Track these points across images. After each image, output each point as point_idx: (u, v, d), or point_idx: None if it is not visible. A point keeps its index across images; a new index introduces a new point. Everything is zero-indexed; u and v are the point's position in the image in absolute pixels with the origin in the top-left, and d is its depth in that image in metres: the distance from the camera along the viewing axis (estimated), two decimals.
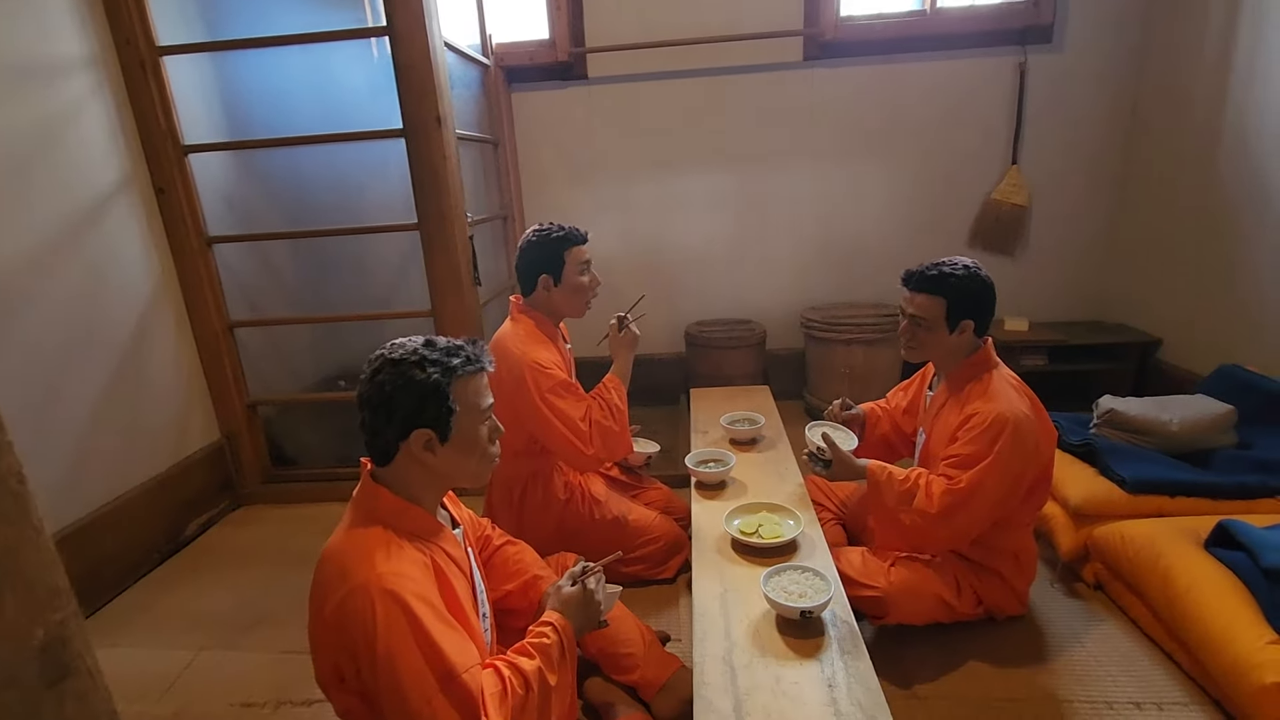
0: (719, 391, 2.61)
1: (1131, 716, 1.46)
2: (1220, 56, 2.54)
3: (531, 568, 1.48)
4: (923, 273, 1.67)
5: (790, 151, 3.20)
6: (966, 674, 1.60)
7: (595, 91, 3.18)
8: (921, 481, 1.60)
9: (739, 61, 3.09)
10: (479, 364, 1.15)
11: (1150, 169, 2.97)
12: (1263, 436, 2.07)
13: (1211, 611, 1.47)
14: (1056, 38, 3.00)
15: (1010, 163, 3.15)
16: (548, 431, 1.76)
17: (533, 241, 1.86)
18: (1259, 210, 2.41)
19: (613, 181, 3.29)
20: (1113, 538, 1.79)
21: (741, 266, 3.37)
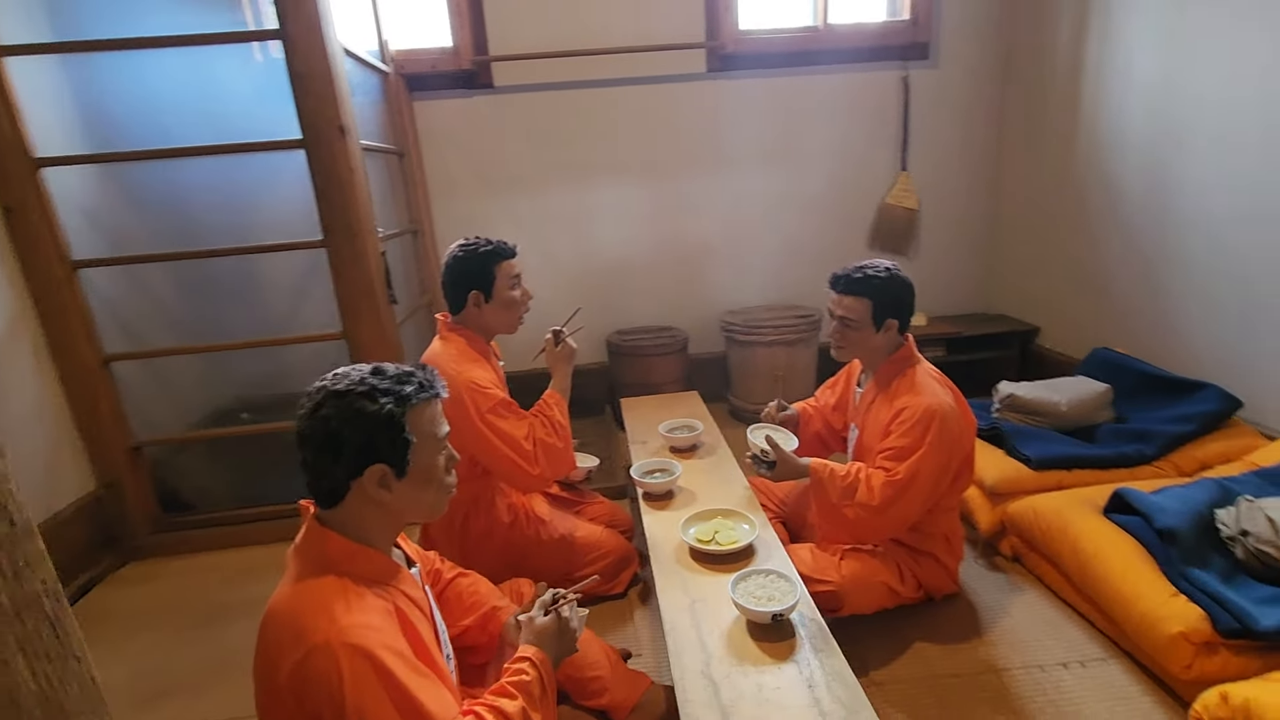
0: (650, 400, 2.62)
1: (1061, 676, 1.59)
2: (1071, 72, 2.84)
3: (488, 599, 1.41)
4: (849, 276, 1.75)
5: (700, 160, 3.27)
6: (914, 656, 1.68)
7: (502, 100, 3.11)
8: (861, 475, 1.67)
9: (646, 72, 3.12)
10: (433, 390, 1.08)
11: (1019, 172, 3.27)
12: (1135, 410, 2.33)
13: (1118, 573, 1.62)
14: (933, 54, 3.25)
15: (900, 169, 3.38)
16: (490, 453, 1.68)
17: (460, 257, 1.78)
18: (1113, 207, 2.71)
19: (525, 192, 3.23)
20: (1025, 512, 1.95)
21: (659, 274, 3.40)
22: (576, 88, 3.11)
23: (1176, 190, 2.42)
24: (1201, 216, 2.33)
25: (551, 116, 3.14)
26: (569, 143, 3.18)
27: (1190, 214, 2.37)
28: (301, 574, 0.98)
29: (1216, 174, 2.26)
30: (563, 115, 3.14)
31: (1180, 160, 2.39)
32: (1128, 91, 2.58)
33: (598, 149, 3.20)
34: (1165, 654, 1.47)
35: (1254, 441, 2.07)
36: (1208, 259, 2.32)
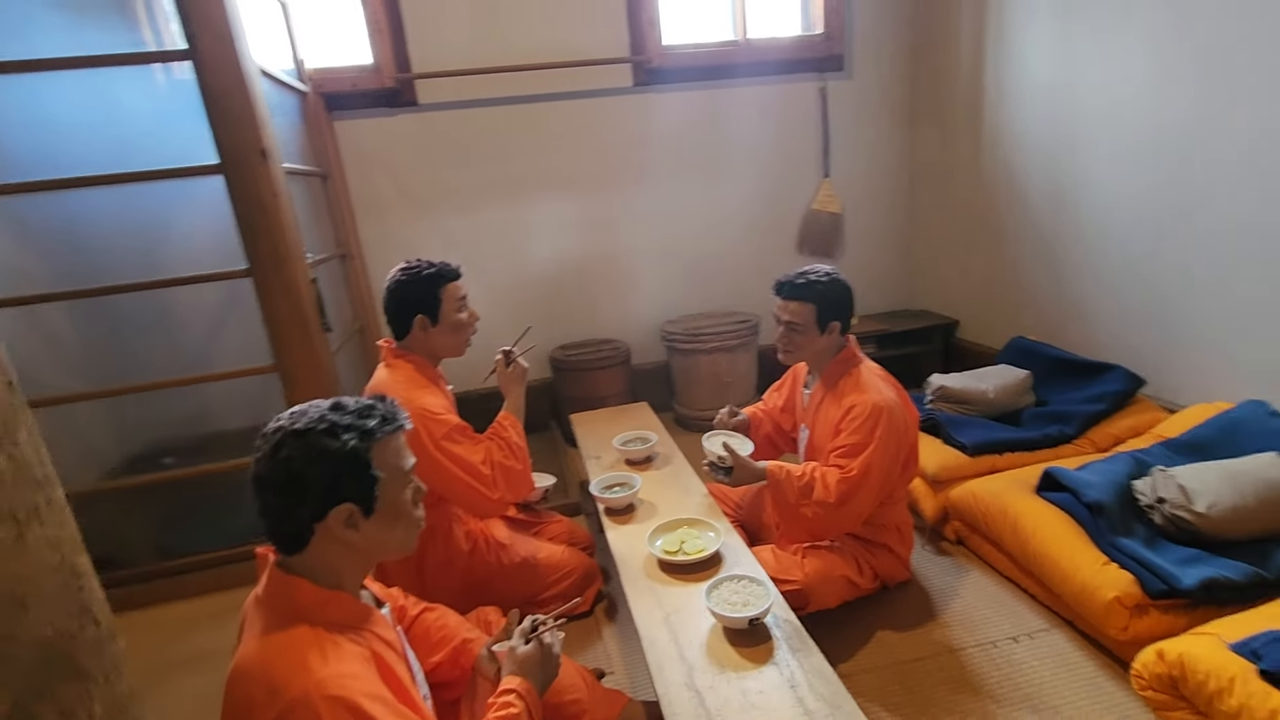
0: (600, 414, 2.61)
1: (1012, 649, 1.69)
2: (974, 79, 3.05)
3: (458, 632, 1.37)
4: (792, 282, 1.80)
5: (631, 172, 3.30)
6: (877, 644, 1.75)
7: (428, 118, 3.04)
8: (817, 475, 1.72)
9: (574, 87, 3.13)
10: (397, 422, 1.04)
11: (932, 175, 3.47)
12: (1053, 393, 2.51)
13: (1055, 547, 1.74)
14: (847, 66, 3.41)
15: (823, 176, 3.52)
16: (447, 481, 1.64)
17: (402, 281, 1.73)
18: (1019, 205, 2.92)
19: (456, 210, 3.17)
20: (966, 497, 2.06)
21: (597, 287, 3.40)
22: (504, 104, 3.09)
23: (1073, 186, 2.62)
24: (1096, 211, 2.54)
25: (480, 133, 3.10)
26: (499, 159, 3.15)
27: (1086, 208, 2.58)
28: (269, 626, 0.92)
29: (1108, 170, 2.47)
30: (491, 132, 3.11)
31: (1075, 159, 2.60)
32: (1026, 97, 2.79)
33: (529, 164, 3.18)
34: (1103, 619, 1.58)
35: (1158, 415, 2.26)
36: (1104, 249, 2.53)
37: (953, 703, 1.54)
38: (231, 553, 2.34)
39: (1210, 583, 1.53)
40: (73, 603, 0.53)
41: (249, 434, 0.97)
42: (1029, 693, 1.55)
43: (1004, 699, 1.54)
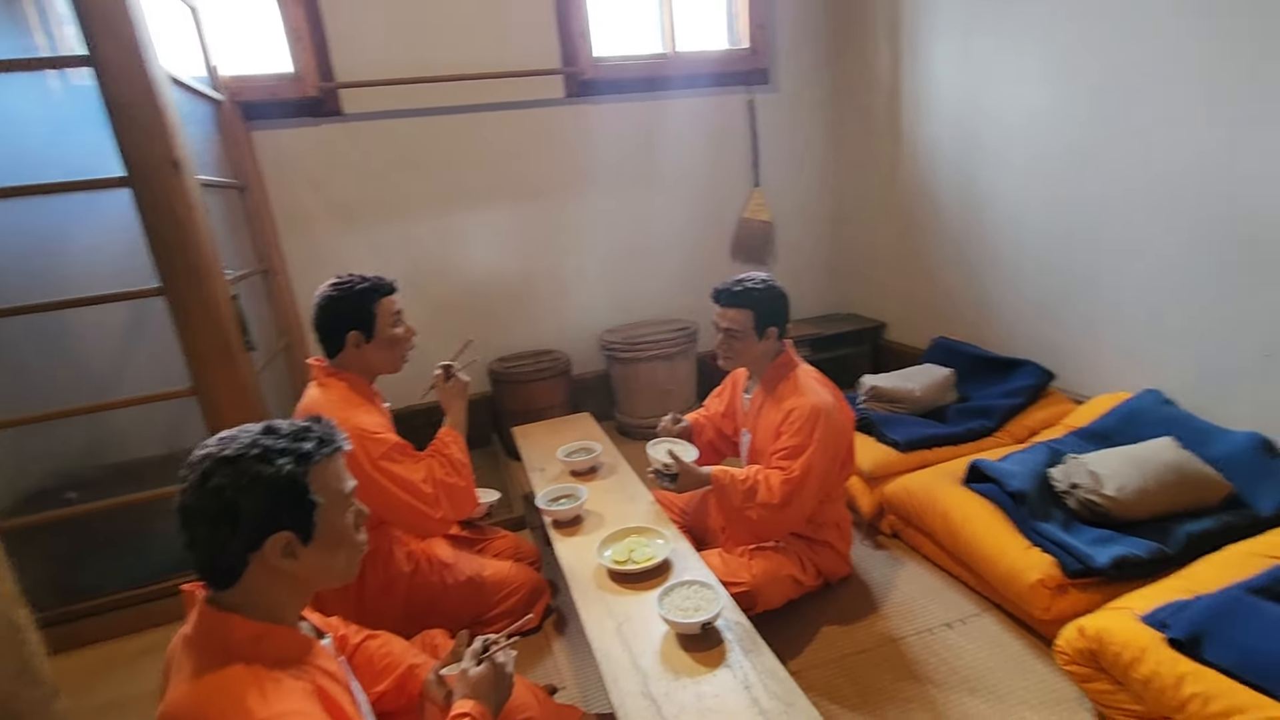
0: (541, 426, 2.58)
1: (947, 635, 1.77)
2: (891, 93, 3.20)
3: (403, 658, 1.33)
4: (729, 289, 1.84)
5: (567, 184, 3.30)
6: (822, 640, 1.79)
7: (355, 129, 2.95)
8: (760, 477, 1.75)
9: (506, 98, 3.10)
10: (335, 444, 1.00)
11: (855, 184, 3.62)
12: (975, 390, 2.65)
13: (982, 536, 1.84)
14: (773, 80, 3.52)
15: (754, 185, 3.61)
16: (388, 502, 1.58)
17: (334, 297, 1.67)
18: (935, 212, 3.08)
19: (387, 223, 3.08)
20: (899, 492, 2.15)
21: (534, 298, 3.37)
22: (435, 114, 3.03)
23: (985, 195, 2.79)
24: (1006, 218, 2.71)
25: (410, 144, 3.03)
26: (431, 170, 3.08)
27: (997, 216, 2.75)
28: (201, 668, 0.87)
29: (1014, 180, 2.64)
30: (422, 142, 3.05)
31: (985, 170, 2.76)
32: (938, 111, 2.95)
33: (462, 176, 3.13)
34: (1028, 600, 1.68)
35: (1068, 407, 2.43)
36: (1015, 253, 2.70)
37: (896, 690, 1.60)
38: (148, 591, 2.19)
39: (1121, 560, 1.65)
40: (13, 661, 0.49)
41: (164, 463, 0.91)
42: (965, 675, 1.63)
43: (943, 683, 1.61)
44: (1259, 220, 1.91)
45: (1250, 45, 1.85)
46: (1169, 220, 2.14)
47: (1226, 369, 2.05)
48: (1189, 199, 2.07)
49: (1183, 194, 2.08)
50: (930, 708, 1.54)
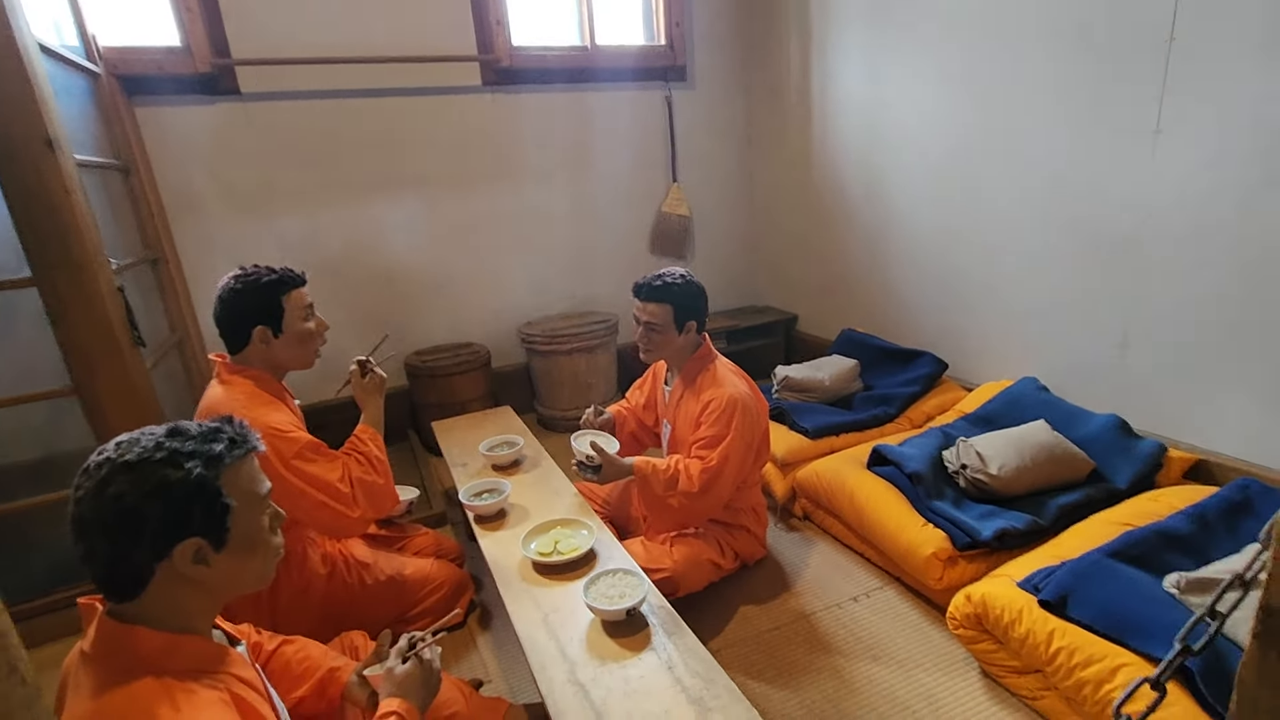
0: (461, 420, 2.55)
1: (853, 608, 1.90)
2: (802, 95, 3.34)
3: (322, 662, 1.29)
4: (650, 284, 1.89)
5: (484, 174, 3.24)
6: (740, 619, 1.88)
7: (254, 109, 2.78)
8: (680, 467, 1.81)
9: (419, 83, 3.01)
10: (248, 444, 0.97)
11: (768, 181, 3.75)
12: (878, 379, 2.83)
13: (885, 515, 1.97)
14: (689, 77, 3.59)
15: (672, 180, 3.68)
16: (303, 503, 1.53)
17: (238, 290, 1.59)
18: (842, 209, 3.25)
19: (291, 211, 2.93)
20: (810, 476, 2.27)
21: (451, 290, 3.30)
22: (345, 97, 2.90)
23: (886, 193, 2.97)
24: (906, 217, 2.90)
25: (318, 128, 2.89)
26: (341, 157, 2.95)
27: (897, 215, 2.94)
28: (104, 684, 0.82)
29: (913, 182, 2.83)
30: (330, 127, 2.91)
31: (887, 171, 2.94)
32: (845, 114, 3.11)
33: (374, 163, 3.02)
34: (923, 572, 1.83)
35: (959, 394, 2.64)
36: (912, 251, 2.90)
37: (809, 662, 1.71)
38: (28, 607, 2.01)
39: (1002, 533, 1.82)
40: (2, 662, 0.46)
41: (34, 469, 0.84)
42: (870, 644, 1.76)
43: (850, 653, 1.73)
44: (1110, 223, 2.14)
45: (1101, 68, 2.06)
46: (1037, 221, 2.36)
47: (1089, 358, 2.29)
48: (1054, 202, 2.29)
49: (1049, 197, 2.30)
50: (838, 676, 1.66)
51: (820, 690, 1.62)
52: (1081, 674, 1.37)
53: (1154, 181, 2.02)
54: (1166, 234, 2.02)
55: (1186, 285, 2.00)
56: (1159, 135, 1.99)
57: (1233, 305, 1.90)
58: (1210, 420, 2.02)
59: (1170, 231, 2.01)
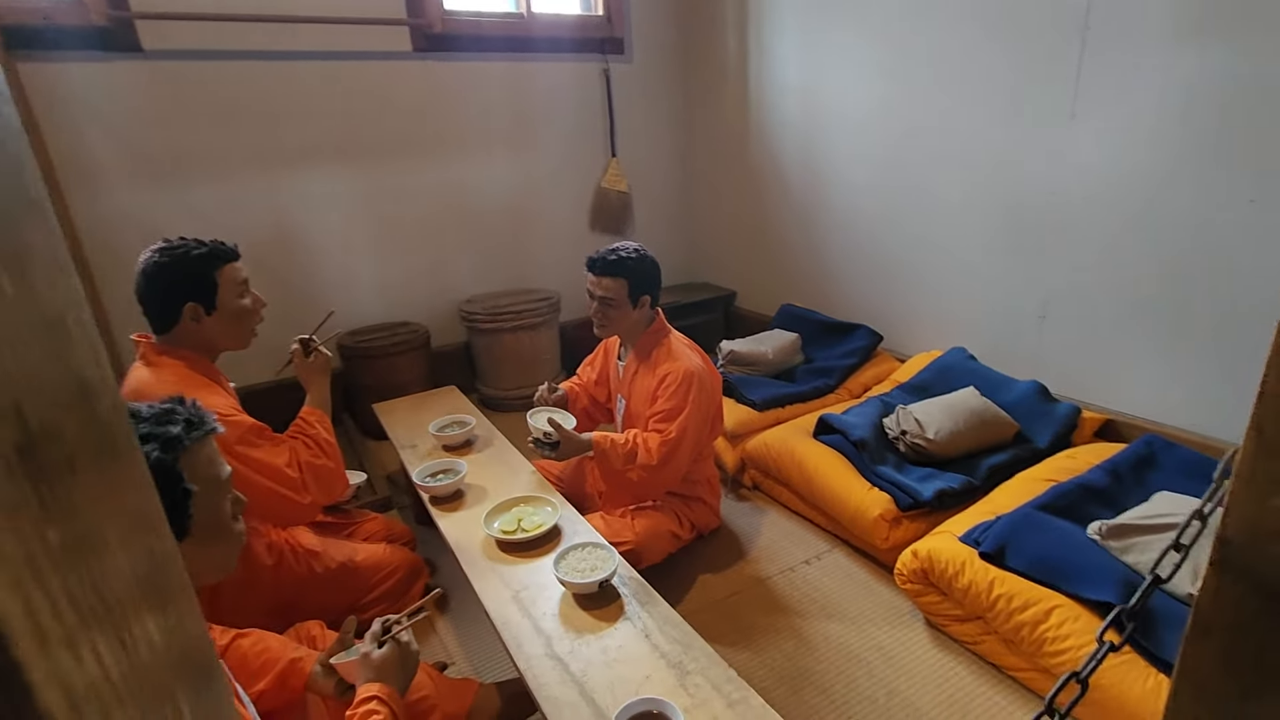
0: (404, 401, 2.46)
1: (806, 570, 1.98)
2: (739, 74, 3.37)
3: (283, 653, 1.23)
4: (604, 259, 1.87)
5: (418, 144, 3.10)
6: (700, 588, 1.92)
7: (161, 69, 2.55)
8: (639, 440, 1.83)
9: (345, 46, 2.84)
10: (206, 425, 0.91)
11: (706, 157, 3.78)
12: (817, 351, 2.93)
13: (832, 480, 2.06)
14: (628, 50, 3.55)
15: (611, 155, 3.64)
16: (248, 491, 1.40)
17: (164, 264, 1.46)
18: (780, 187, 3.32)
19: (205, 180, 2.71)
20: (759, 447, 2.34)
21: (386, 267, 3.16)
22: (263, 59, 2.70)
23: (823, 173, 3.05)
24: (842, 195, 2.99)
25: (233, 92, 2.68)
26: (261, 123, 2.75)
27: (834, 193, 3.03)
28: None
29: (848, 161, 2.92)
30: (249, 91, 2.70)
31: (824, 150, 3.02)
32: (783, 94, 3.16)
33: (300, 130, 2.83)
34: (870, 533, 1.92)
35: (894, 365, 2.77)
36: (848, 228, 3.00)
37: (767, 624, 1.77)
38: None
39: (941, 493, 1.93)
40: None
41: None
42: (823, 604, 1.84)
43: (805, 613, 1.80)
44: (1029, 204, 2.29)
45: (1023, 56, 2.18)
46: (964, 201, 2.49)
47: (1012, 329, 2.45)
48: (979, 183, 2.43)
49: (975, 179, 2.44)
50: (796, 635, 1.73)
51: (780, 650, 1.69)
52: (1019, 617, 1.49)
53: (1068, 164, 2.17)
54: (1079, 213, 2.17)
55: (1096, 261, 2.16)
56: (1073, 120, 2.13)
57: (1136, 279, 2.08)
58: (1117, 384, 2.21)
59: (1082, 211, 2.16)
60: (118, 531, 0.27)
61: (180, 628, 0.31)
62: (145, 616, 0.28)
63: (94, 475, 0.26)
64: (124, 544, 0.27)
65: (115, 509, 0.27)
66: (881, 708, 1.51)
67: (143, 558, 0.29)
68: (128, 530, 0.28)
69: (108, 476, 0.27)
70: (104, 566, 0.26)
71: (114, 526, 0.27)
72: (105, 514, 0.27)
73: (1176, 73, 1.87)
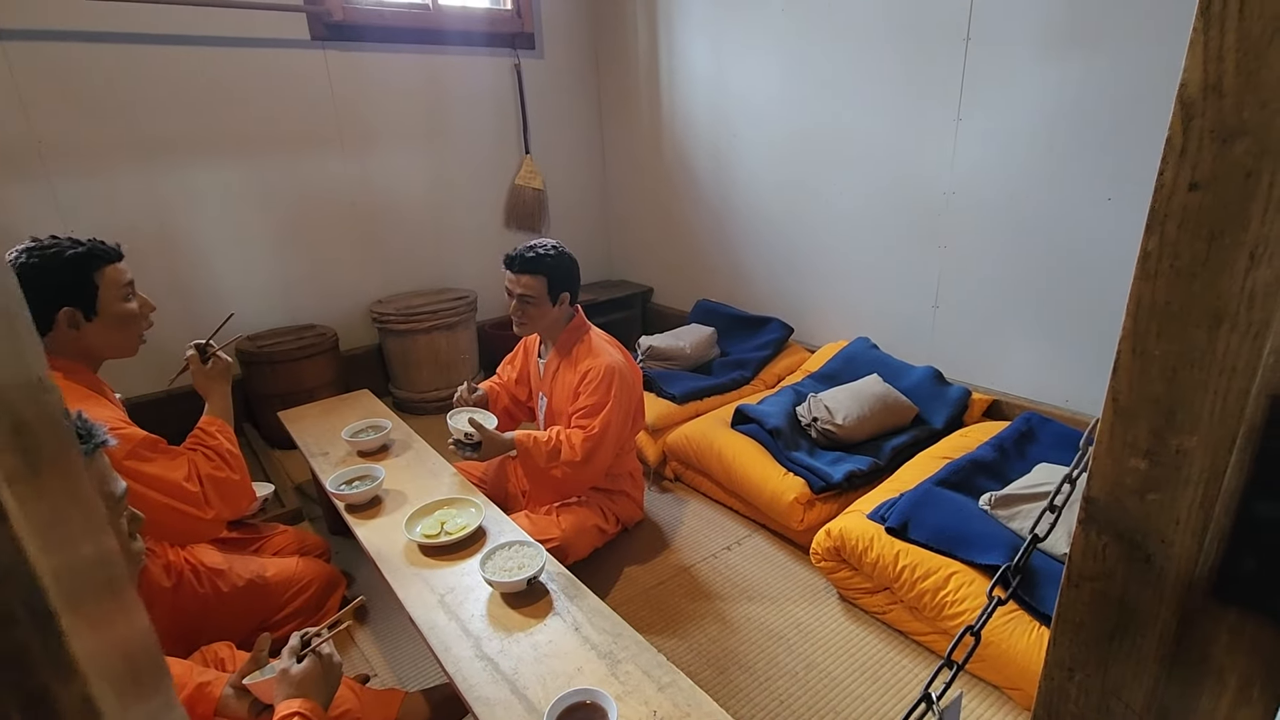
0: (313, 408, 2.35)
1: (728, 556, 2.04)
2: (650, 73, 3.42)
3: (188, 678, 1.16)
4: (523, 256, 1.86)
5: (319, 138, 2.96)
6: (626, 579, 1.95)
7: (21, 49, 2.31)
8: (562, 437, 1.83)
9: (236, 32, 2.67)
10: (95, 439, 0.84)
11: (620, 156, 3.81)
12: (732, 345, 3.02)
13: (750, 468, 2.14)
14: (539, 45, 3.52)
15: (524, 152, 3.60)
16: (142, 508, 1.31)
17: (34, 264, 1.34)
18: (692, 184, 3.39)
19: (72, 174, 2.48)
20: (680, 439, 2.39)
21: (287, 266, 3.00)
22: (141, 42, 2.49)
23: (732, 171, 3.15)
24: (750, 192, 3.10)
25: (107, 76, 2.46)
26: (139, 111, 2.54)
27: (743, 190, 3.13)
28: None
29: (756, 159, 3.03)
30: (125, 76, 2.49)
31: (732, 148, 3.12)
32: (692, 92, 3.23)
33: (185, 121, 2.63)
34: (786, 516, 2.01)
35: (804, 356, 2.90)
36: (757, 224, 3.11)
37: (693, 610, 1.82)
38: None
39: (850, 474, 2.05)
40: None
41: None
42: (744, 587, 1.91)
43: (728, 596, 1.87)
44: (922, 201, 2.46)
45: (915, 62, 2.34)
46: (863, 199, 2.65)
47: (909, 319, 2.63)
48: (876, 181, 2.58)
49: (872, 178, 2.59)
50: (720, 619, 1.79)
51: (705, 633, 1.74)
52: (922, 585, 1.61)
53: (955, 164, 2.34)
54: (965, 210, 2.35)
55: (980, 255, 2.35)
56: (960, 123, 2.31)
57: (1014, 271, 2.28)
58: (1001, 367, 2.42)
59: (968, 208, 2.34)
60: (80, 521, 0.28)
61: None
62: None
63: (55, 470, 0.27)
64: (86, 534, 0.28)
65: (75, 499, 0.28)
66: (801, 680, 1.59)
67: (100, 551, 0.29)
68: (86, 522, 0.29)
69: (62, 469, 0.28)
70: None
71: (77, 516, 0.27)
72: (69, 504, 0.27)
73: (1045, 81, 2.06)
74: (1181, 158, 0.44)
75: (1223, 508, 0.48)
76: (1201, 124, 0.42)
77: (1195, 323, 0.46)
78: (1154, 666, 0.58)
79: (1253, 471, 0.46)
